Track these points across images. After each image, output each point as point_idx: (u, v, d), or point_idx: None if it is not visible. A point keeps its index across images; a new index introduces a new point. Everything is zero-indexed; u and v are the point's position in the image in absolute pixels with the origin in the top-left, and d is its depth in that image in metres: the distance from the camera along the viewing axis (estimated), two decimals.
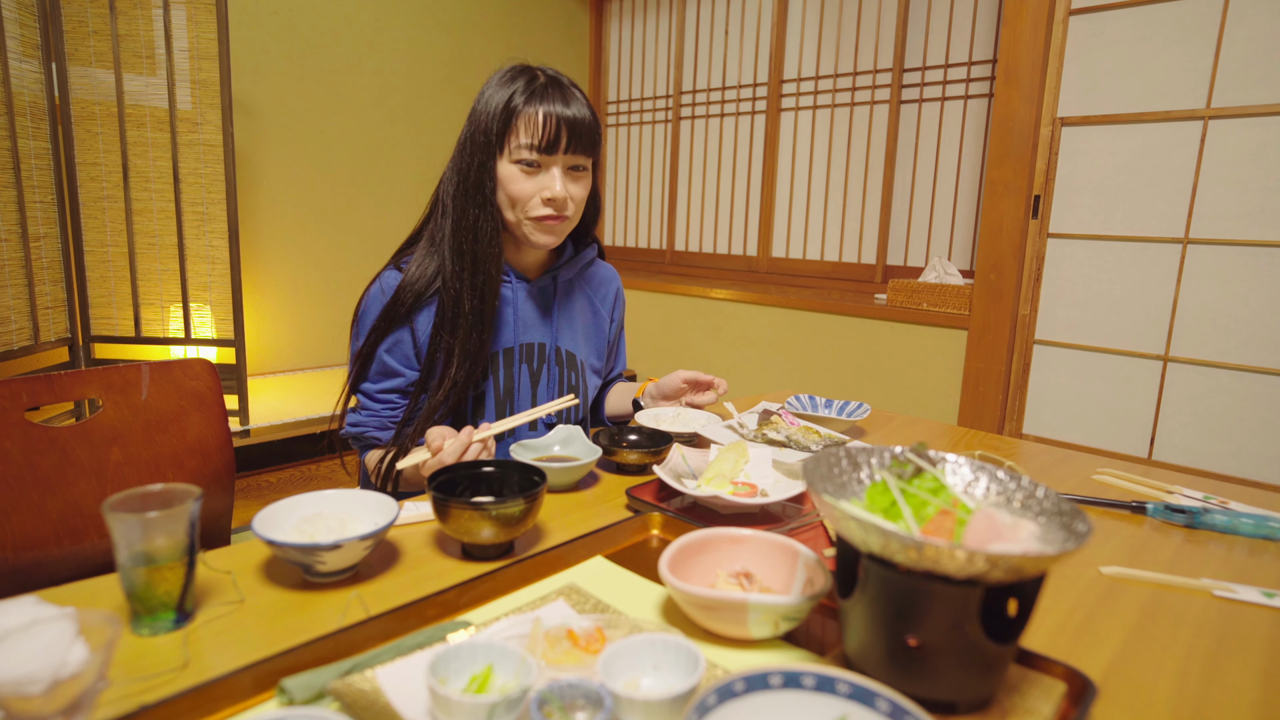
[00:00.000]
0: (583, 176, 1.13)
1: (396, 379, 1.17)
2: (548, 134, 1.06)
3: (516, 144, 1.07)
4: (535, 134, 1.06)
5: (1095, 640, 0.70)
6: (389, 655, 0.60)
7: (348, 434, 1.20)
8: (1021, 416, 2.69)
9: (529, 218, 1.11)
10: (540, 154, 1.07)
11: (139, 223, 2.46)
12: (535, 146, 1.06)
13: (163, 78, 2.40)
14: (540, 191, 1.09)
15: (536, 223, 1.11)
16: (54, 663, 0.48)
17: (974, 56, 3.01)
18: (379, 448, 1.18)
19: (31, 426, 0.98)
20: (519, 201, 1.10)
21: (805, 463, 0.66)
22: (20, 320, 2.20)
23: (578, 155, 1.10)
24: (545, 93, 1.06)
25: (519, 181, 1.09)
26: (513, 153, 1.08)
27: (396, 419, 1.18)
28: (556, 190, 1.08)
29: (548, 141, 1.06)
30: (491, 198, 1.10)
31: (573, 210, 1.13)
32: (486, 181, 1.09)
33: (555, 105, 1.06)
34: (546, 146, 1.07)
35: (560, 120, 1.06)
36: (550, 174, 1.09)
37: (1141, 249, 2.41)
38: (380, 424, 1.18)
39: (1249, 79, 2.18)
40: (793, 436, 1.19)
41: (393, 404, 1.18)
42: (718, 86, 3.88)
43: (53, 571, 1.00)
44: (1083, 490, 1.11)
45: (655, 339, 3.73)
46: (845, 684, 0.50)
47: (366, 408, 1.19)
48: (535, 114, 1.05)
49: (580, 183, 1.13)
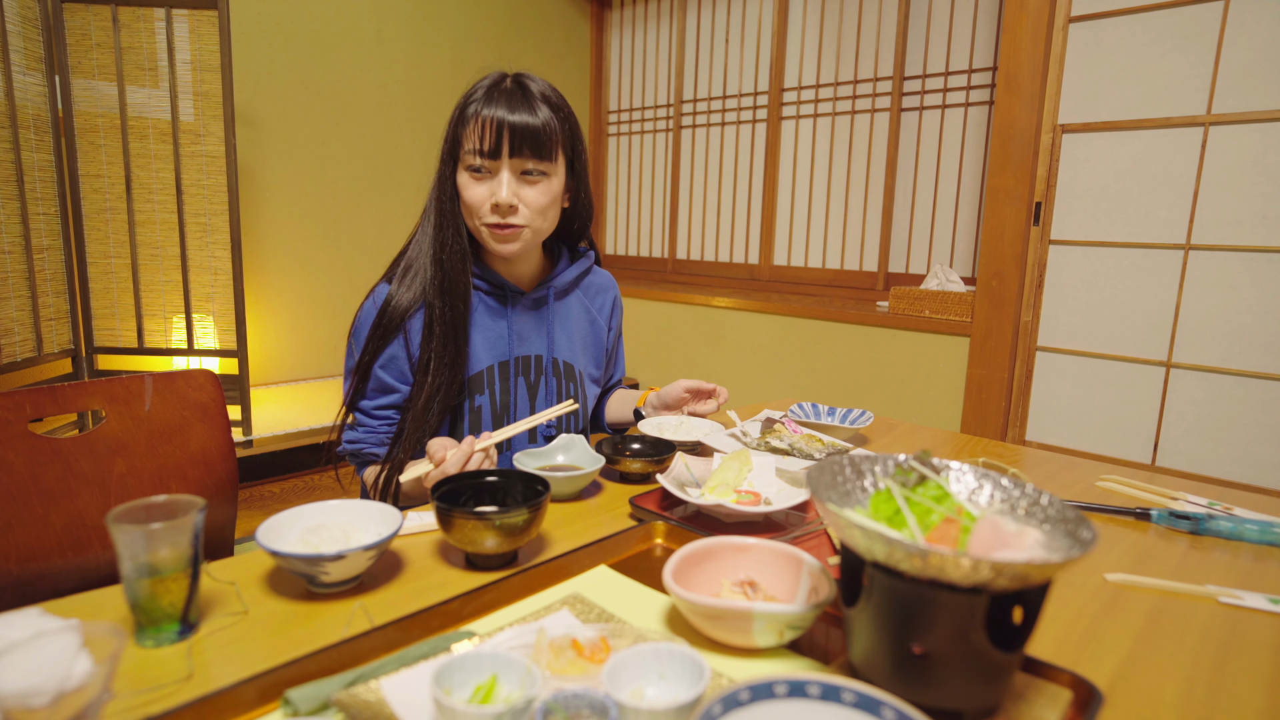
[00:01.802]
0: (538, 181, 1.10)
1: (392, 395, 1.17)
2: (489, 138, 1.05)
3: (465, 150, 1.08)
4: (477, 139, 1.06)
5: (1101, 648, 0.70)
6: (393, 666, 0.59)
7: (344, 451, 1.20)
8: (1024, 423, 2.68)
9: (482, 224, 1.10)
10: (484, 159, 1.07)
11: (142, 234, 2.47)
12: (478, 151, 1.06)
13: (165, 90, 2.41)
14: (489, 198, 1.08)
15: (490, 230, 1.10)
16: (58, 675, 0.48)
17: (974, 64, 3.02)
18: (376, 464, 1.18)
19: (35, 438, 0.98)
20: (472, 209, 1.10)
21: (809, 471, 0.66)
22: (23, 332, 2.20)
23: (527, 159, 1.08)
24: (493, 98, 1.06)
25: (470, 188, 1.09)
26: (463, 159, 1.08)
27: (388, 435, 1.18)
28: (501, 195, 1.06)
29: (490, 146, 1.06)
30: (454, 207, 1.11)
31: (527, 216, 1.10)
32: (450, 190, 1.11)
33: (498, 110, 1.05)
34: (489, 151, 1.06)
35: (501, 124, 1.05)
36: (498, 179, 1.08)
37: (1143, 255, 2.41)
38: (377, 440, 1.17)
39: (1249, 85, 2.19)
40: (796, 444, 1.18)
41: (389, 420, 1.18)
42: (718, 95, 3.90)
43: (56, 583, 1.00)
44: (1087, 497, 1.10)
45: (657, 348, 3.73)
46: (851, 693, 0.50)
47: (363, 424, 1.18)
48: (479, 119, 1.06)
49: (535, 187, 1.10)
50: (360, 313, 1.18)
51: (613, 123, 4.45)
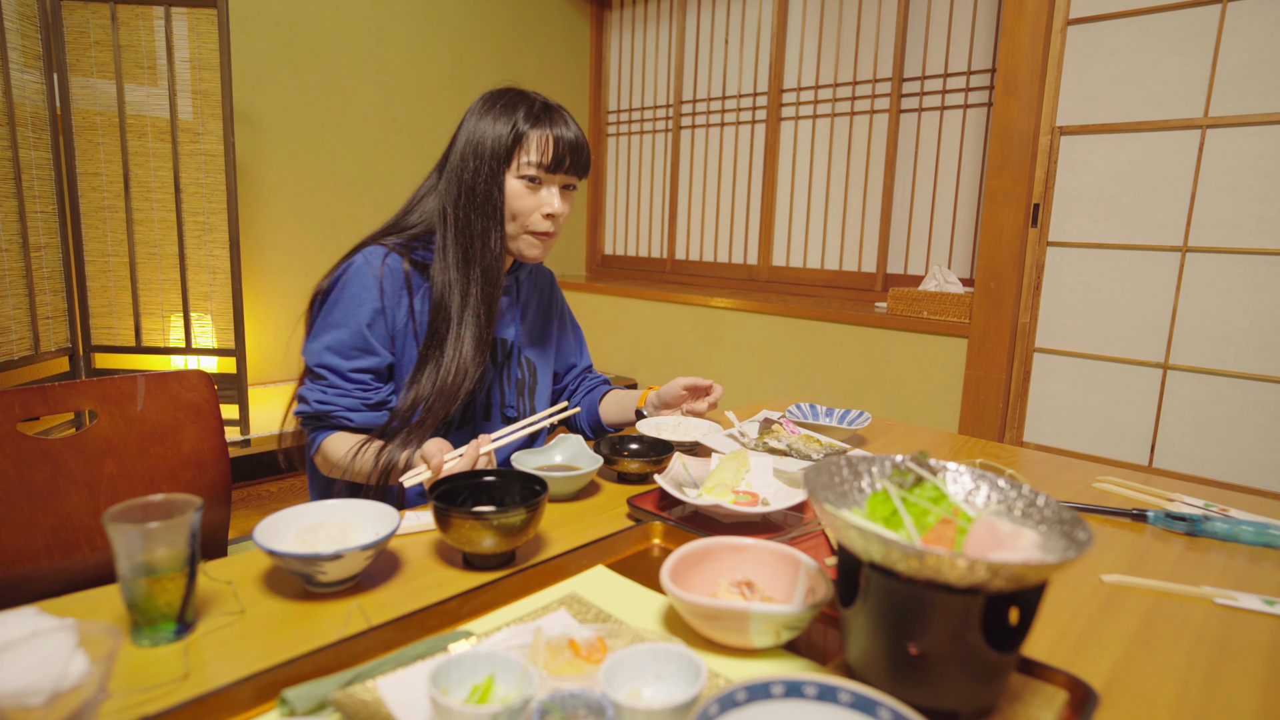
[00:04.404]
0: (571, 196, 1.21)
1: (373, 359, 1.13)
2: (556, 154, 1.14)
3: (524, 161, 1.13)
4: (545, 153, 1.13)
5: (1097, 648, 0.70)
6: (390, 665, 0.59)
7: (306, 412, 1.13)
8: (1022, 424, 2.69)
9: (529, 231, 1.17)
10: (544, 172, 1.14)
11: (140, 232, 2.46)
12: (541, 165, 1.13)
13: (164, 88, 2.41)
14: (540, 207, 1.16)
15: (535, 236, 1.18)
16: (54, 674, 0.48)
17: (973, 66, 3.03)
18: (346, 431, 1.12)
19: (24, 439, 0.97)
20: (520, 215, 1.16)
21: (806, 471, 0.66)
22: (21, 330, 2.20)
23: (572, 175, 1.18)
24: (550, 116, 1.15)
25: (522, 197, 1.15)
26: (520, 169, 1.14)
27: (369, 402, 1.13)
28: (556, 206, 1.16)
29: (554, 160, 1.14)
30: (500, 209, 1.15)
31: (560, 226, 1.20)
32: (496, 194, 1.14)
33: (559, 129, 1.15)
34: (551, 165, 1.14)
35: (564, 143, 1.14)
36: (550, 190, 1.16)
37: (1141, 257, 2.42)
38: (350, 405, 1.12)
39: (1246, 88, 2.19)
40: (794, 445, 1.19)
41: (365, 385, 1.13)
42: (718, 96, 3.90)
43: (43, 585, 0.98)
44: (1083, 498, 1.11)
45: (656, 348, 3.73)
46: (847, 693, 0.50)
47: (335, 386, 1.12)
48: (543, 135, 1.13)
49: (568, 201, 1.20)
50: (348, 271, 1.14)
51: (612, 123, 4.45)
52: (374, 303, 1.13)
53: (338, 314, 1.13)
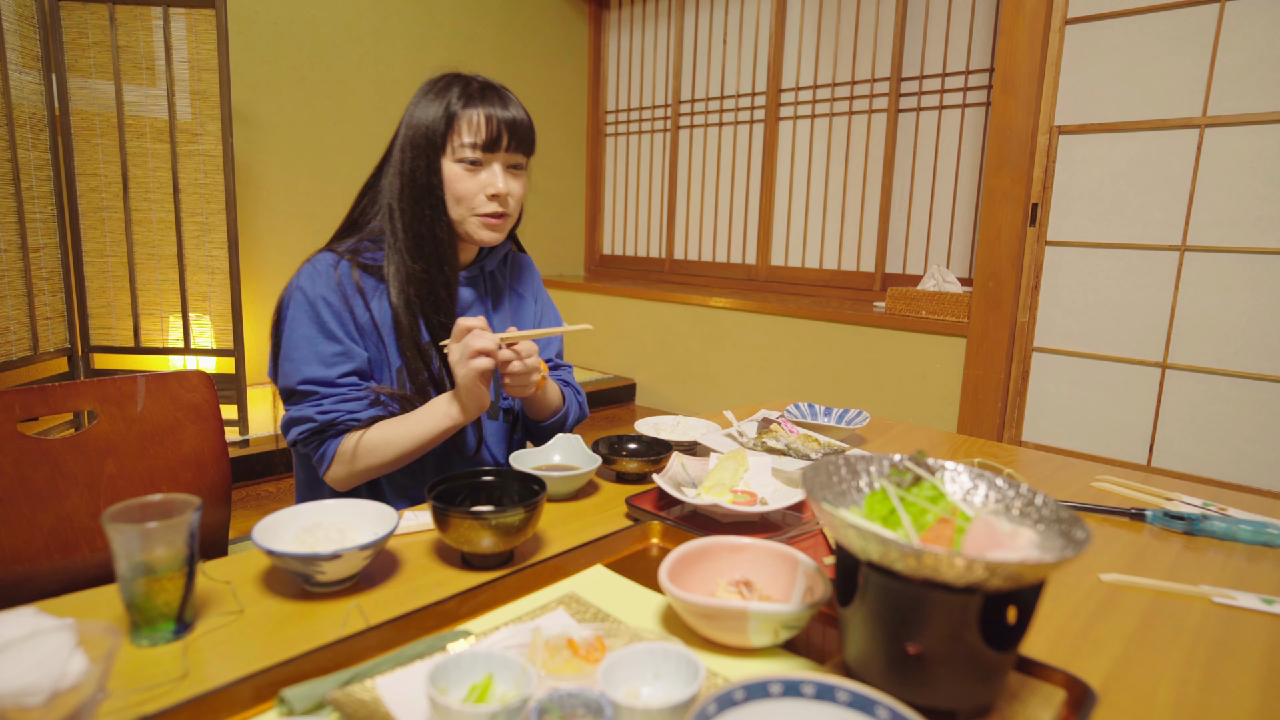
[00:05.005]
0: (521, 175, 1.18)
1: (351, 363, 1.11)
2: (489, 133, 1.11)
3: (459, 144, 1.11)
4: (479, 133, 1.11)
5: (1095, 647, 0.70)
6: (389, 665, 0.59)
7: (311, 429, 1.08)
8: (1020, 424, 2.69)
9: (475, 214, 1.14)
10: (482, 152, 1.12)
11: (138, 233, 2.46)
12: (477, 145, 1.11)
13: (162, 88, 2.41)
14: (484, 189, 1.13)
15: (482, 220, 1.15)
16: (53, 674, 0.48)
17: (971, 65, 3.03)
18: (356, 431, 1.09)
19: (24, 439, 0.97)
20: (464, 199, 1.13)
21: (805, 471, 0.66)
22: (20, 331, 2.20)
23: (516, 154, 1.15)
24: (484, 96, 1.12)
25: (462, 180, 1.13)
26: (455, 152, 1.12)
27: (368, 400, 1.10)
28: (500, 186, 1.13)
29: (489, 140, 1.11)
30: (441, 196, 1.14)
31: (511, 207, 1.17)
32: (434, 181, 1.13)
33: (495, 108, 1.12)
34: (487, 145, 1.11)
35: (500, 121, 1.11)
36: (492, 171, 1.13)
37: (1139, 256, 2.42)
38: (352, 407, 1.09)
39: (1244, 87, 2.19)
40: (792, 444, 1.19)
41: (356, 385, 1.11)
42: (716, 95, 3.90)
43: (42, 585, 0.98)
44: (1082, 497, 1.11)
45: (654, 348, 3.73)
46: (845, 692, 0.50)
47: (328, 395, 1.09)
48: (476, 115, 1.11)
49: (519, 180, 1.17)
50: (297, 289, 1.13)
51: (610, 123, 4.45)
52: (329, 311, 1.10)
53: (300, 330, 1.11)
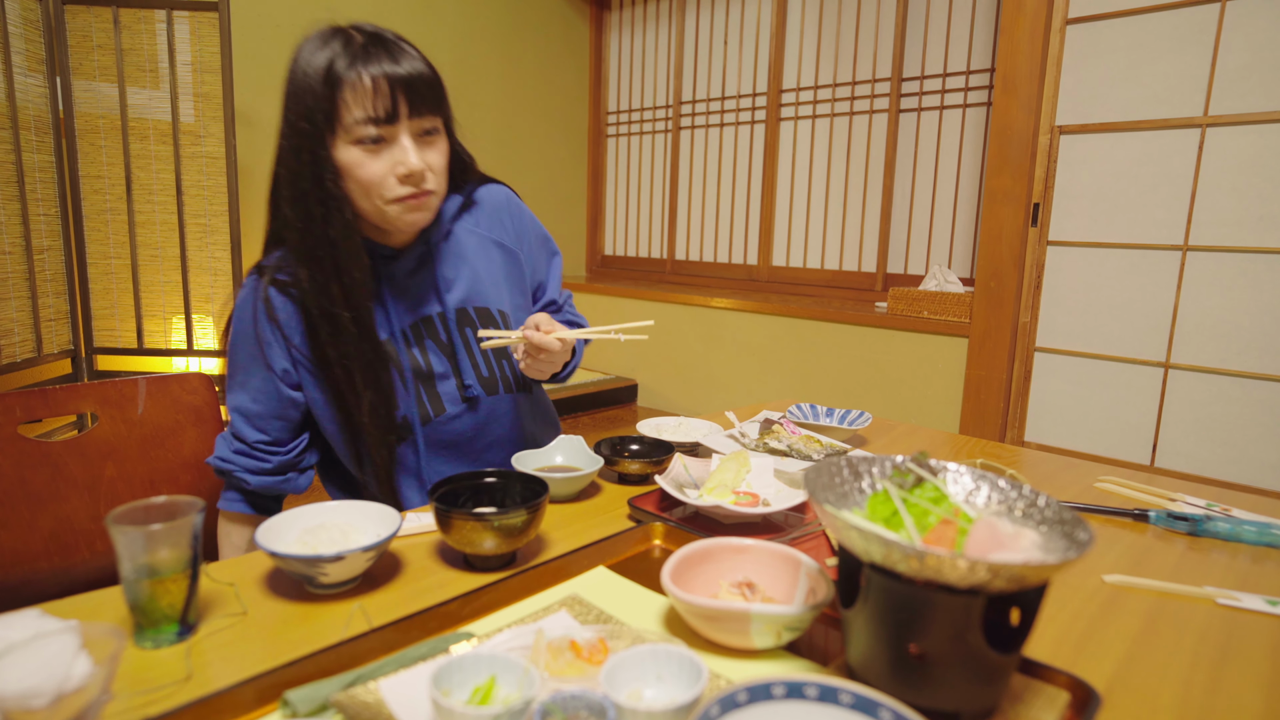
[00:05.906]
0: (437, 140, 0.96)
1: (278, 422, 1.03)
2: (383, 101, 0.89)
3: (350, 120, 0.90)
4: (371, 104, 0.89)
5: (1099, 649, 0.70)
6: (392, 667, 0.60)
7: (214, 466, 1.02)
8: (1023, 424, 2.68)
9: (390, 201, 0.94)
10: (381, 126, 0.90)
11: (142, 235, 2.47)
12: (374, 119, 0.90)
13: (166, 91, 2.41)
14: (393, 169, 0.92)
15: (401, 204, 0.95)
16: (58, 676, 0.48)
17: (972, 65, 3.03)
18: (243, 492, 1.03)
19: (24, 441, 0.97)
20: (371, 187, 0.93)
21: (807, 472, 0.66)
22: (23, 332, 2.20)
23: (424, 118, 0.94)
24: (368, 53, 0.90)
25: (365, 165, 0.92)
26: (349, 132, 0.91)
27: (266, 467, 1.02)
28: (412, 163, 0.92)
29: (386, 110, 0.90)
30: (336, 190, 0.93)
31: (435, 181, 0.97)
32: (325, 174, 0.92)
33: (383, 65, 0.90)
34: (387, 116, 0.90)
35: (394, 81, 0.90)
36: (400, 146, 0.92)
37: (1141, 256, 2.42)
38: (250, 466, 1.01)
39: (1246, 87, 2.19)
40: (794, 445, 1.19)
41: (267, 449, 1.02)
42: (717, 96, 3.90)
43: (42, 588, 0.98)
44: (1084, 498, 1.11)
45: (656, 348, 3.73)
46: (848, 694, 0.50)
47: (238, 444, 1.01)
48: (363, 80, 0.89)
49: (436, 148, 0.96)
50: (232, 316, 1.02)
51: (612, 124, 4.46)
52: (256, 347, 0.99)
53: (237, 365, 1.02)
